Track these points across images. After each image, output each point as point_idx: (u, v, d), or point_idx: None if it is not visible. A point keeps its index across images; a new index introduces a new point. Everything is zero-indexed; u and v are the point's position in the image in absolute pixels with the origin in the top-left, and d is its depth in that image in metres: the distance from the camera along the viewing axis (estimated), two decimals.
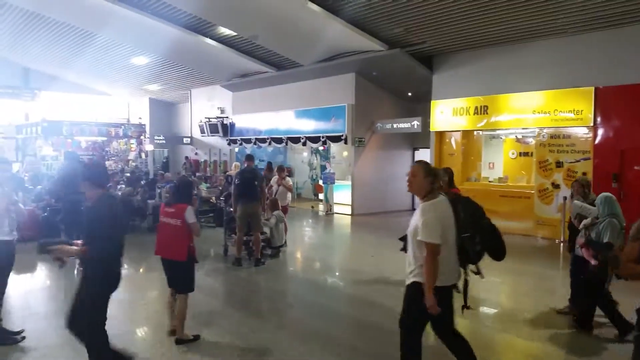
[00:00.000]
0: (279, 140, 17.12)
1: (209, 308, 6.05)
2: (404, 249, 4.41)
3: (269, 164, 11.78)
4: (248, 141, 18.33)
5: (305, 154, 20.07)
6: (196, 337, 4.96)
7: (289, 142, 16.89)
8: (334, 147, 16.87)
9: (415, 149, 16.51)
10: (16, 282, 6.48)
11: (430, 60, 13.39)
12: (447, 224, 3.50)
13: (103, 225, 3.62)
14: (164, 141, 21.67)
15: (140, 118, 22.40)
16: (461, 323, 4.22)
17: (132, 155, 19.00)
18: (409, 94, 15.74)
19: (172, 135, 22.59)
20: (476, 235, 3.64)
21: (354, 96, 14.75)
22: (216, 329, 5.33)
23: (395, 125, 14.96)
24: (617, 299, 5.18)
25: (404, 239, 4.62)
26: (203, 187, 14.14)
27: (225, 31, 13.65)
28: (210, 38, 14.18)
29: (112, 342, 3.81)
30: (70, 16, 13.79)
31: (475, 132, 13.50)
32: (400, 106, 16.06)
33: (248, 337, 4.55)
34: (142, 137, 19.47)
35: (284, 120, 17.05)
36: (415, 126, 14.20)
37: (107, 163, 17.54)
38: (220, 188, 12.83)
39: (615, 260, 3.20)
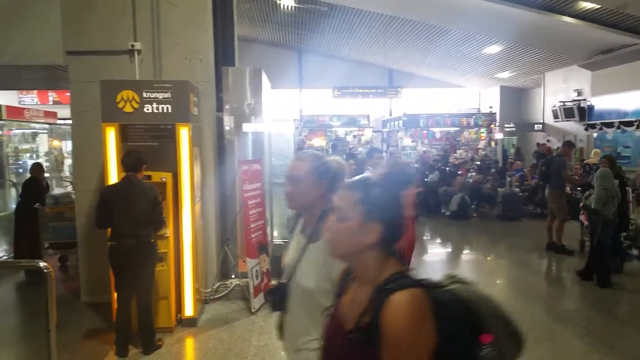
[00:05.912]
0: None
1: (562, 307, 5.86)
2: None
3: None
4: (610, 125, 16.13)
5: None
6: None
7: None
8: None
9: None
10: None
11: None
12: None
13: None
14: (514, 129, 21.40)
15: (490, 107, 22.70)
16: None
17: (481, 144, 19.50)
18: None
19: (522, 122, 22.01)
20: None
21: None
22: (572, 327, 5.10)
23: None
24: None
25: None
26: None
27: (586, 5, 12.39)
28: (567, 16, 13.15)
29: None
30: (425, 15, 15.04)
31: None
32: None
33: (612, 341, 4.23)
34: (492, 126, 19.72)
35: None
36: None
37: (457, 152, 18.56)
38: (576, 177, 11.78)
39: None
